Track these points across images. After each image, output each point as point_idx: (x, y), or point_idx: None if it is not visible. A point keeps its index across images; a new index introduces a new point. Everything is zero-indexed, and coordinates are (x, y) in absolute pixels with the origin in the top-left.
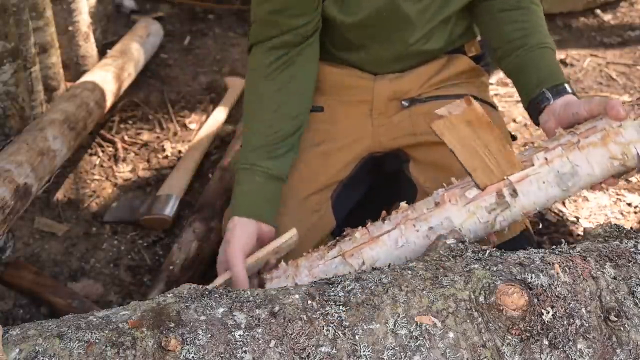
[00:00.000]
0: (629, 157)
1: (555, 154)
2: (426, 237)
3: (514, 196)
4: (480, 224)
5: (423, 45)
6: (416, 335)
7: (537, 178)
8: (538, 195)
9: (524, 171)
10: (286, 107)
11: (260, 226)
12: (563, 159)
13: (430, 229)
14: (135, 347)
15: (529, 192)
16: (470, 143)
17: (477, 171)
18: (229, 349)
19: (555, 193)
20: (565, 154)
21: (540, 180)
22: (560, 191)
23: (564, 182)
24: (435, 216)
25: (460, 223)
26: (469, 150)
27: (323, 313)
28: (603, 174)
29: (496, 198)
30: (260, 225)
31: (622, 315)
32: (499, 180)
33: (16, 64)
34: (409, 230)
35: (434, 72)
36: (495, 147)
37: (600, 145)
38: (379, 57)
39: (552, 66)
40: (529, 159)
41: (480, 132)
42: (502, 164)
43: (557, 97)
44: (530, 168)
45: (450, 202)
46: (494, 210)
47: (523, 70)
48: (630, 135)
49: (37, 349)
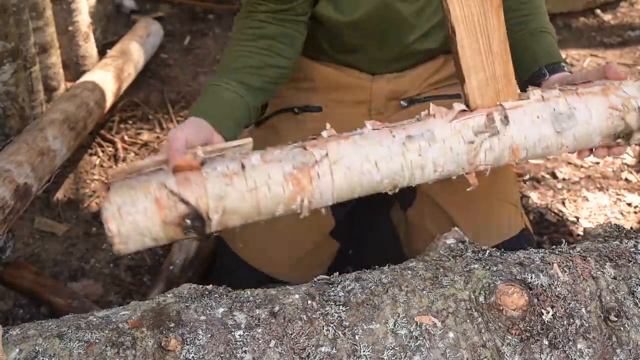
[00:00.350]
0: (629, 109)
1: (553, 94)
2: (402, 145)
3: (505, 123)
4: (463, 144)
5: (420, 44)
6: (416, 335)
7: (531, 110)
8: (530, 130)
9: (520, 101)
10: (270, 59)
11: (213, 132)
12: (560, 99)
13: (408, 138)
14: (135, 347)
15: (521, 123)
16: (476, 33)
17: (471, 79)
18: (229, 349)
19: (548, 133)
20: (563, 96)
21: (535, 114)
22: (554, 132)
23: (559, 122)
24: (416, 127)
25: (442, 138)
26: (471, 37)
27: (323, 313)
28: (600, 128)
29: (486, 120)
30: (214, 132)
31: (622, 315)
32: (492, 104)
33: (16, 64)
34: (384, 135)
35: (433, 72)
36: (496, 48)
37: (601, 94)
38: (376, 57)
39: (550, 47)
40: (524, 94)
41: (488, 7)
42: (499, 80)
43: (553, 73)
44: (526, 100)
45: (434, 116)
46: (482, 134)
47: (522, 49)
48: (631, 92)
49: (37, 349)
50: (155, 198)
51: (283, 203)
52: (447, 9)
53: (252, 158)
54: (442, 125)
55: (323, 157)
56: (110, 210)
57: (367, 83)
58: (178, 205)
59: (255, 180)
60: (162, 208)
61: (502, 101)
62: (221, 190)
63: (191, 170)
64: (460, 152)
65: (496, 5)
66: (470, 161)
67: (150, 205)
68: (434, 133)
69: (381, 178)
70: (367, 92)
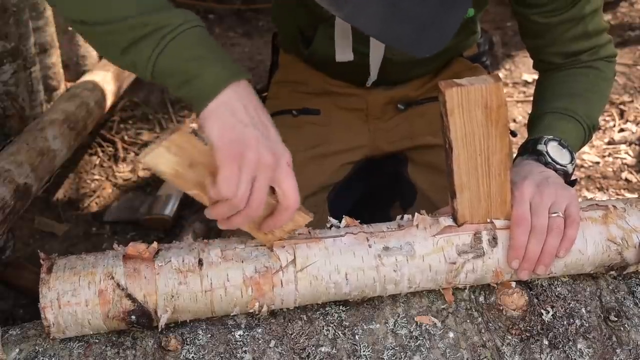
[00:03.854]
0: (628, 246)
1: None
2: (377, 258)
3: (492, 245)
4: (444, 264)
5: (418, 68)
6: (416, 335)
7: None
8: None
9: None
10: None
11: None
12: None
13: (385, 250)
14: (135, 347)
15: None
16: (475, 151)
17: (463, 195)
18: (229, 349)
19: None
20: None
21: None
22: None
23: None
24: (396, 237)
25: (422, 254)
26: (469, 155)
27: (323, 313)
28: (594, 259)
29: (472, 239)
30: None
31: (622, 315)
32: (482, 220)
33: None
34: (359, 242)
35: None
36: (495, 168)
37: (601, 223)
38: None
39: (555, 124)
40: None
41: (492, 130)
42: (493, 198)
43: (527, 155)
44: None
45: (417, 227)
46: (465, 254)
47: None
48: (634, 222)
49: (37, 349)
50: (100, 290)
51: (239, 306)
52: (447, 125)
53: (211, 253)
54: (424, 239)
55: (289, 264)
56: (48, 298)
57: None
58: (123, 301)
59: (212, 281)
60: (105, 302)
61: (494, 218)
62: (173, 288)
63: (142, 261)
64: (439, 271)
65: (501, 127)
66: (448, 281)
67: (92, 298)
68: (413, 247)
69: (350, 290)
70: (364, 100)
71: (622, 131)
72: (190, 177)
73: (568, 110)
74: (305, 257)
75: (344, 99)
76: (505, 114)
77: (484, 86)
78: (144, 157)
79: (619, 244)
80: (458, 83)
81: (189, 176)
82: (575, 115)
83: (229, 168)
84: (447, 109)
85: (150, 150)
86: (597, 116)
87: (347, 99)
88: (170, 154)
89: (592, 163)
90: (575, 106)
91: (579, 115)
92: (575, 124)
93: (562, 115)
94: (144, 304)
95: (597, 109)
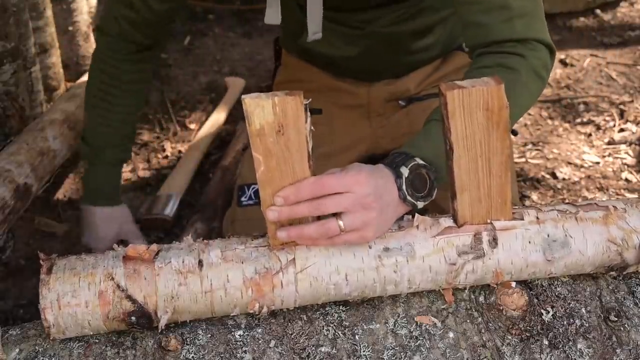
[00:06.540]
0: (628, 246)
1: (550, 216)
2: (378, 259)
3: (492, 246)
4: (444, 264)
5: (418, 56)
6: (416, 335)
7: (523, 235)
8: (519, 256)
9: (512, 222)
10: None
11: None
12: (558, 224)
13: (386, 250)
14: (135, 347)
15: (510, 248)
16: (476, 152)
17: (464, 196)
18: (229, 349)
19: (537, 260)
20: (561, 220)
21: (527, 239)
22: (543, 261)
23: (551, 250)
24: (396, 238)
25: (423, 255)
26: (470, 156)
27: (323, 313)
28: (594, 260)
29: (472, 240)
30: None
31: (622, 315)
32: (482, 221)
33: (16, 64)
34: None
35: (431, 71)
36: (496, 170)
37: (601, 223)
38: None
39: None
40: (518, 212)
41: (493, 132)
42: (493, 199)
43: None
44: (519, 221)
45: (417, 227)
46: (465, 255)
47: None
48: (635, 223)
49: (37, 349)
50: (100, 291)
51: (239, 306)
52: (448, 127)
53: (211, 254)
54: (424, 240)
55: (289, 264)
56: (48, 299)
57: (364, 89)
58: (124, 302)
59: (212, 282)
60: (105, 303)
61: (494, 219)
62: (173, 289)
63: (142, 262)
64: (439, 271)
65: (502, 129)
66: (449, 281)
67: (93, 299)
68: (414, 248)
69: (350, 291)
70: (365, 97)
71: (622, 131)
72: (269, 143)
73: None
74: (305, 258)
75: (346, 96)
76: (506, 116)
77: (485, 88)
78: (247, 97)
79: (619, 245)
80: (459, 85)
81: (268, 141)
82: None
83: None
84: (448, 111)
85: (258, 96)
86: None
87: (349, 96)
88: (271, 110)
89: (592, 163)
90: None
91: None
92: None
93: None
94: (144, 305)
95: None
